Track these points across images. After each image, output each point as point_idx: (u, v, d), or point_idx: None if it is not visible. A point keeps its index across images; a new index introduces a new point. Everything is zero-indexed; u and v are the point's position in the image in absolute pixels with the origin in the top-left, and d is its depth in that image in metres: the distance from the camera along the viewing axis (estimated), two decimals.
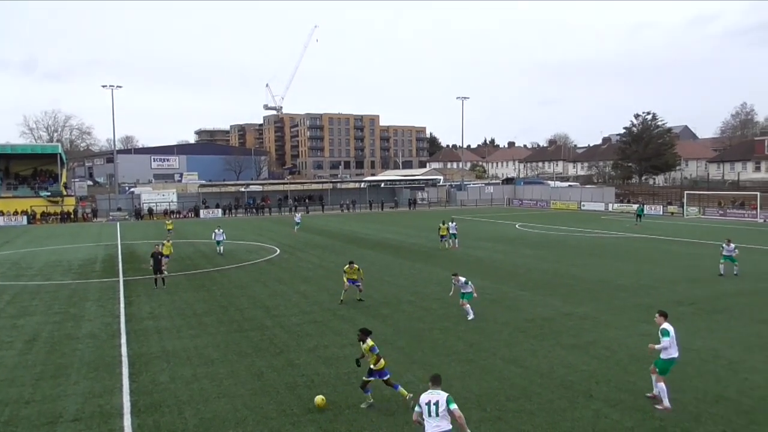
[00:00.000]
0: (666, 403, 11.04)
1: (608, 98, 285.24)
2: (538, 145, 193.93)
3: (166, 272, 25.02)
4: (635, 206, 60.43)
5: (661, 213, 64.95)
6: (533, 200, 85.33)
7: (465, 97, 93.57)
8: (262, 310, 19.89)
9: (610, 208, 71.54)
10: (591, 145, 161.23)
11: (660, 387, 11.17)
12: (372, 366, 11.32)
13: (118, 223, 63.81)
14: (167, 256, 27.14)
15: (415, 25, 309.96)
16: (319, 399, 11.24)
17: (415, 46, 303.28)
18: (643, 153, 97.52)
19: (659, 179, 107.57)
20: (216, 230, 35.13)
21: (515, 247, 35.91)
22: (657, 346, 11.27)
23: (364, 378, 11.40)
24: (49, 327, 17.95)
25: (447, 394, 8.44)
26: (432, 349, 15.02)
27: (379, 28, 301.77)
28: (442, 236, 35.48)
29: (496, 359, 14.15)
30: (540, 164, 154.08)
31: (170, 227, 45.25)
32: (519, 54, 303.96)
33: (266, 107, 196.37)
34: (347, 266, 20.92)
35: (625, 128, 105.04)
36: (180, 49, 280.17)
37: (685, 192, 66.96)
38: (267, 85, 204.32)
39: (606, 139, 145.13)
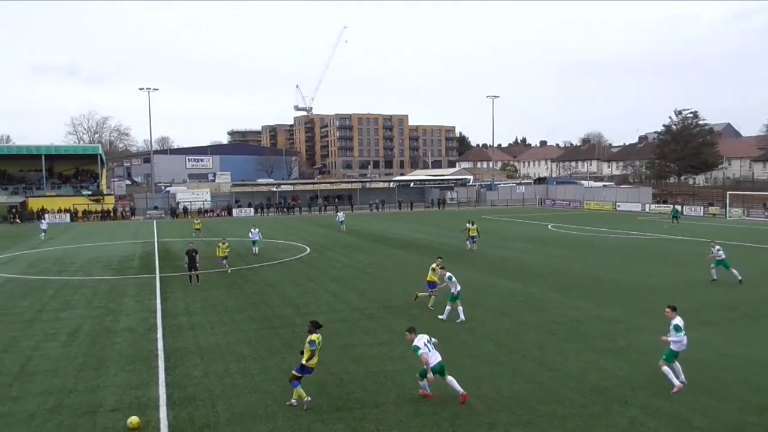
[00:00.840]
0: (676, 383, 11.80)
1: (645, 95, 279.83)
2: (571, 144, 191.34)
3: (229, 268, 27.04)
4: (674, 207, 59.07)
5: (701, 214, 63.24)
6: (566, 200, 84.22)
7: (495, 96, 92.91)
8: (293, 307, 20.17)
9: (646, 209, 70.11)
10: (626, 143, 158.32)
11: (665, 371, 11.84)
12: (303, 362, 11.43)
13: (154, 222, 65.25)
14: (225, 258, 27.28)
15: (444, 23, 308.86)
16: (134, 420, 10.50)
17: (445, 44, 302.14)
18: (682, 152, 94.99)
19: (699, 179, 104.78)
20: (252, 230, 35.01)
21: (547, 248, 35.56)
22: (671, 338, 11.99)
23: (294, 372, 11.49)
24: (90, 320, 18.55)
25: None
26: (460, 350, 15.02)
27: (408, 28, 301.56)
28: (471, 237, 34.90)
29: (527, 361, 14.08)
30: (573, 164, 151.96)
31: (198, 227, 45.80)
32: (551, 51, 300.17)
33: (296, 108, 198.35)
34: (435, 264, 20.10)
35: (664, 126, 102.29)
36: (213, 52, 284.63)
37: (728, 192, 64.78)
38: (297, 86, 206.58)
39: (642, 138, 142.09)
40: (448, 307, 18.10)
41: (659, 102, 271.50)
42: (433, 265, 19.88)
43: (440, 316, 18.13)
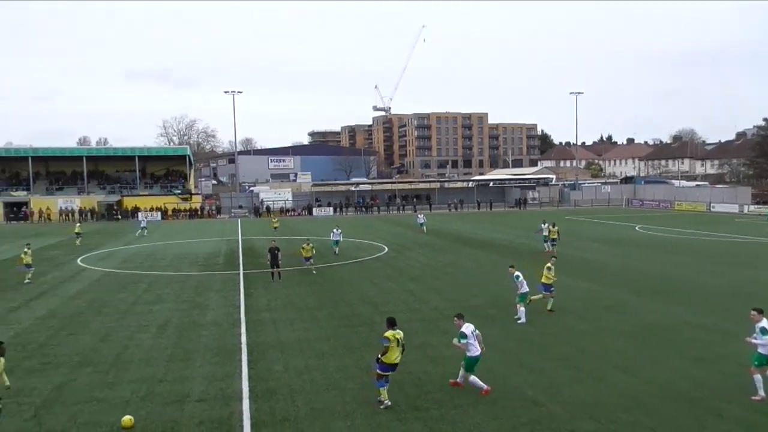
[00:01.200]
0: (761, 393, 11.30)
1: (743, 90, 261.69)
2: (661, 142, 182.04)
3: (314, 268, 27.06)
4: None
5: None
6: (655, 201, 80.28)
7: (579, 92, 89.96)
8: (371, 306, 20.35)
9: (744, 210, 65.64)
10: (722, 140, 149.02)
11: (756, 378, 11.37)
12: (379, 356, 11.39)
13: (238, 220, 67.83)
14: (309, 258, 27.08)
15: (526, 19, 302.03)
16: (127, 420, 10.59)
17: (526, 40, 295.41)
18: None
19: None
20: (334, 230, 35.12)
21: (633, 251, 34.02)
22: (756, 341, 11.51)
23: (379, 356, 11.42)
24: (179, 314, 19.50)
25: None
26: (540, 353, 14.63)
27: (488, 25, 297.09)
28: (552, 240, 33.26)
29: (610, 367, 13.50)
30: (663, 162, 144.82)
31: (276, 225, 47.00)
32: (639, 44, 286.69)
33: (375, 108, 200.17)
34: (549, 263, 19.58)
35: (765, 120, 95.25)
36: (295, 54, 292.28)
37: None
38: (376, 87, 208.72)
39: (740, 134, 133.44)
40: (522, 309, 17.79)
41: (759, 96, 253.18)
42: (548, 264, 19.30)
43: (519, 321, 17.73)
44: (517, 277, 18.08)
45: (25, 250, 26.50)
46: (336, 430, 10.45)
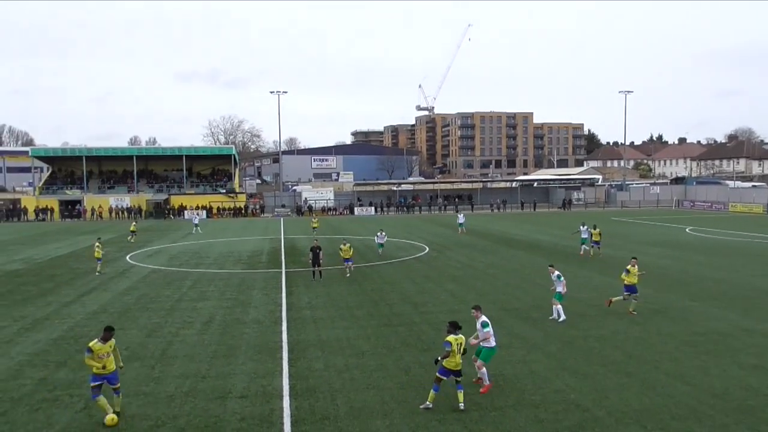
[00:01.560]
0: None
1: None
2: (715, 141, 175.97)
3: (349, 271, 26.27)
4: None
5: None
6: (707, 202, 77.52)
7: (628, 91, 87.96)
8: (411, 306, 20.24)
9: None
10: None
11: None
12: (440, 360, 11.25)
13: (281, 219, 68.72)
14: (350, 259, 26.37)
15: (573, 15, 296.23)
16: (110, 418, 10.59)
17: (573, 38, 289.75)
18: None
19: None
20: (378, 233, 34.23)
21: (684, 253, 32.89)
22: None
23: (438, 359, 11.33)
24: (222, 311, 19.82)
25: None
26: (585, 357, 14.25)
27: (534, 23, 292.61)
28: (596, 242, 32.01)
29: (659, 374, 13.04)
30: (717, 162, 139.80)
31: (316, 225, 46.85)
32: (691, 40, 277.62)
33: (418, 108, 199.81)
34: (630, 265, 18.88)
35: None
36: (337, 54, 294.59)
37: None
38: (420, 86, 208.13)
39: None
40: (558, 307, 17.75)
41: None
42: (628, 267, 18.81)
43: (557, 318, 17.69)
44: (559, 276, 17.91)
45: (97, 244, 28.42)
46: (375, 429, 10.40)
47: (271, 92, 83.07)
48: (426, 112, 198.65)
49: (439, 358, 11.22)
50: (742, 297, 21.06)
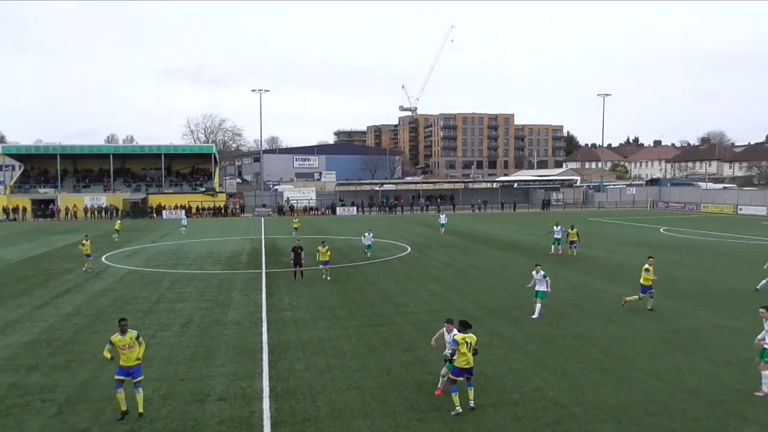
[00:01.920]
0: (765, 389, 11.58)
1: None
2: (689, 144, 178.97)
3: (328, 275, 25.33)
4: None
5: None
6: (681, 203, 78.83)
7: (607, 94, 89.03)
8: (392, 306, 20.30)
9: None
10: (751, 143, 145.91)
11: (765, 375, 11.61)
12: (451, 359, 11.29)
13: (262, 219, 68.31)
14: (327, 262, 25.49)
15: (552, 19, 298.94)
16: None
17: (553, 41, 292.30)
18: None
19: None
20: (366, 234, 33.06)
21: (659, 253, 33.35)
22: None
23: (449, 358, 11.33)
24: (201, 313, 19.67)
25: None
26: (564, 355, 14.44)
27: (516, 25, 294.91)
28: (573, 242, 32.27)
29: (635, 371, 13.28)
30: (690, 164, 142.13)
31: (297, 225, 46.26)
32: (666, 46, 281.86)
33: (401, 108, 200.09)
34: (647, 264, 18.99)
35: None
36: (322, 53, 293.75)
37: None
38: (403, 87, 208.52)
39: None
40: (539, 305, 18.12)
41: None
42: (646, 266, 19.04)
43: (533, 316, 18.06)
44: (544, 276, 18.30)
45: (83, 241, 28.87)
46: (356, 429, 10.43)
47: (253, 90, 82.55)
48: (409, 113, 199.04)
49: (452, 358, 11.24)
50: (714, 295, 21.50)
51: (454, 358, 11.19)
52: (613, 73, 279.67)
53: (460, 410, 10.92)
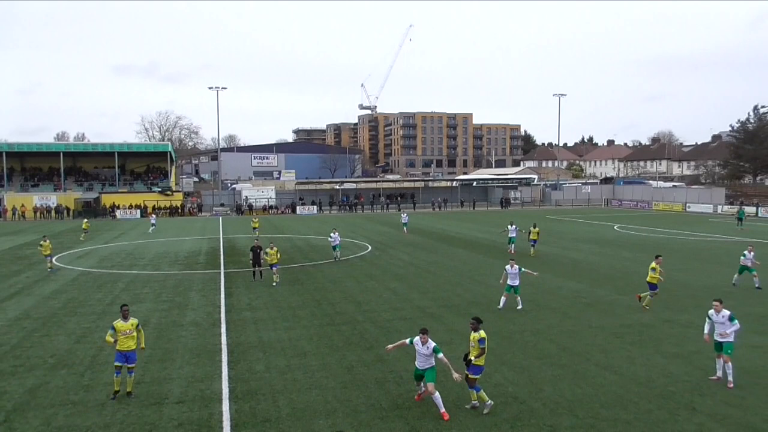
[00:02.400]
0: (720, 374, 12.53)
1: (721, 94, 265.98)
2: (640, 144, 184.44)
3: (276, 279, 23.75)
4: (740, 208, 55.83)
5: None
6: (633, 201, 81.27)
7: (562, 94, 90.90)
8: (354, 305, 20.28)
9: (719, 210, 66.76)
10: (699, 143, 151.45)
11: (730, 366, 12.23)
12: (471, 358, 11.06)
13: (220, 218, 67.26)
14: (276, 264, 23.94)
15: (511, 20, 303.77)
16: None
17: (512, 42, 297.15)
18: (758, 151, 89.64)
19: None
20: (332, 234, 31.26)
21: (613, 250, 34.38)
22: (731, 329, 12.39)
23: (467, 374, 11.09)
24: (158, 314, 19.25)
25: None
26: (522, 351, 14.71)
27: (475, 25, 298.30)
28: (533, 241, 32.32)
29: (590, 365, 13.63)
30: (642, 163, 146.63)
31: (257, 225, 45.52)
32: (621, 48, 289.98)
33: (361, 107, 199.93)
34: (654, 263, 19.21)
35: (739, 121, 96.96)
36: (281, 51, 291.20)
37: None
38: (362, 85, 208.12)
39: (716, 137, 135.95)
40: (508, 298, 19.31)
41: (735, 99, 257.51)
42: (653, 264, 19.29)
43: (518, 307, 19.13)
44: (520, 269, 19.37)
45: (42, 242, 29.02)
46: (318, 429, 10.39)
47: (210, 88, 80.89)
48: (369, 111, 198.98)
49: (471, 358, 11.08)
50: (664, 290, 22.16)
51: (471, 358, 11.08)
52: (569, 73, 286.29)
53: (491, 403, 10.94)
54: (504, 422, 10.53)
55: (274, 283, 23.70)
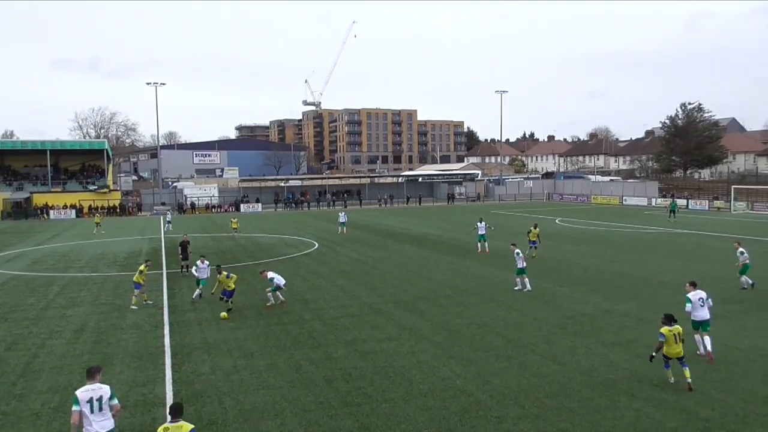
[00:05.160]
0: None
1: (658, 91, 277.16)
2: (579, 139, 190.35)
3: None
4: (672, 201, 58.47)
5: (706, 208, 62.91)
6: (573, 195, 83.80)
7: (504, 91, 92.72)
8: (301, 303, 20.09)
9: (653, 203, 69.73)
10: (633, 138, 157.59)
11: (708, 339, 13.41)
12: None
13: (161, 217, 65.32)
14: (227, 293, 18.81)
15: (453, 18, 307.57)
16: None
17: (454, 39, 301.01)
18: (687, 146, 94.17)
19: (705, 173, 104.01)
20: (198, 262, 21.79)
21: (555, 243, 35.33)
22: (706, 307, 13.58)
23: (653, 354, 11.99)
24: (96, 317, 18.52)
25: (108, 387, 8.47)
26: (469, 345, 14.92)
27: (418, 23, 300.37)
28: (532, 242, 29.74)
29: (535, 356, 13.96)
30: (581, 158, 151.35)
31: (236, 226, 42.84)
32: (563, 46, 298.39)
33: (305, 103, 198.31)
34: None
35: (668, 117, 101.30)
36: (222, 46, 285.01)
37: (732, 186, 64.65)
38: (306, 81, 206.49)
39: (649, 132, 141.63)
40: (526, 280, 21.03)
41: (672, 97, 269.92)
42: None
43: (522, 289, 20.91)
44: (518, 254, 21.04)
45: None
46: (266, 429, 10.24)
47: (148, 83, 78.37)
48: (313, 108, 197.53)
49: (654, 353, 11.93)
50: (604, 281, 23.02)
51: (654, 353, 11.95)
52: (510, 70, 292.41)
53: (673, 380, 11.90)
54: (453, 415, 10.65)
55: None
